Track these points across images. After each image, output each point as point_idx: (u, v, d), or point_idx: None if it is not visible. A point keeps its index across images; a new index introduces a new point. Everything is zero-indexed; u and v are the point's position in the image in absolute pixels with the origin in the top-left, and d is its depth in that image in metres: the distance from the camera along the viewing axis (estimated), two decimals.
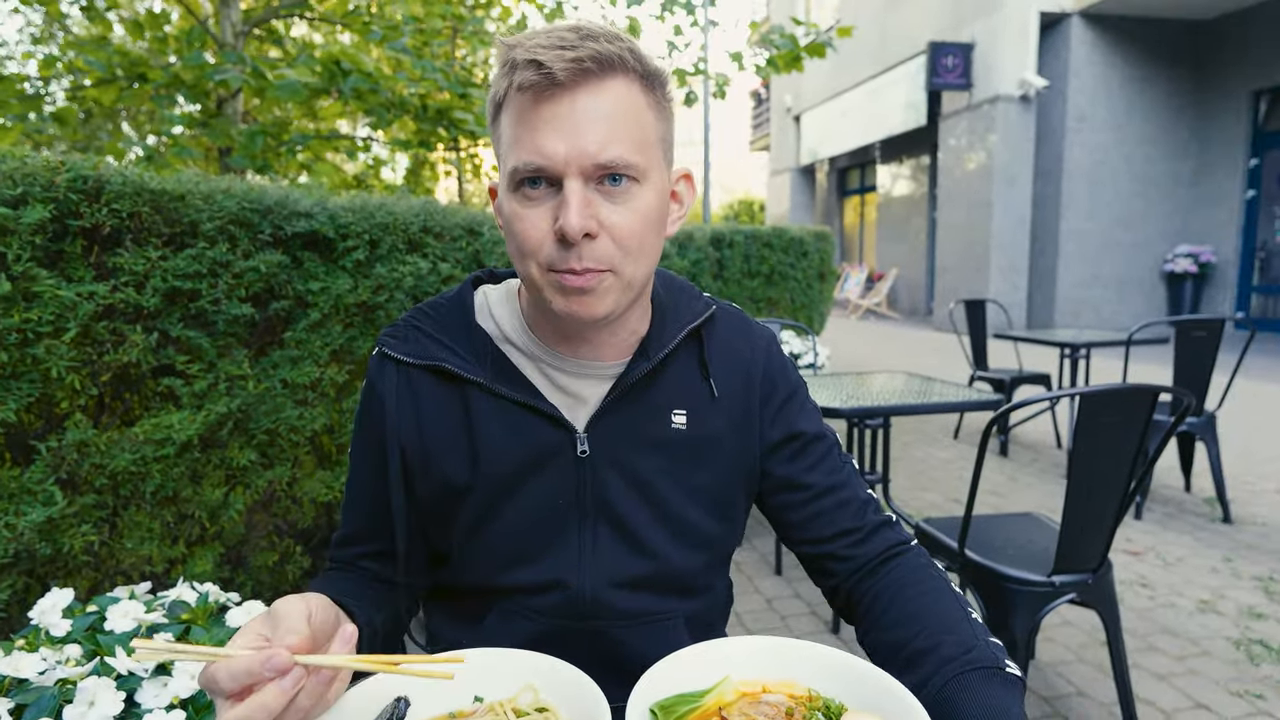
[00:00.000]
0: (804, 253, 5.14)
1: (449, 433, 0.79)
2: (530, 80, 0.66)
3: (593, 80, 0.67)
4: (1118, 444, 1.66)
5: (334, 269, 2.13)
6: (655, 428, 0.81)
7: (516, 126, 0.69)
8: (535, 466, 0.79)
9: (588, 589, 0.80)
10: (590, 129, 0.67)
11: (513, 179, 0.69)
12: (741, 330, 0.88)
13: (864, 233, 16.64)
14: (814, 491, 0.85)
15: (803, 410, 0.88)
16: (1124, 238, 10.41)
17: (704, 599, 0.87)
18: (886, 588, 0.79)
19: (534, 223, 0.69)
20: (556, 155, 0.66)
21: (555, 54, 0.65)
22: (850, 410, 2.35)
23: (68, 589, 1.14)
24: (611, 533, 0.80)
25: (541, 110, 0.67)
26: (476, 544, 0.81)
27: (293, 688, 0.52)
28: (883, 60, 12.98)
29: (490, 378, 0.78)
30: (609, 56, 0.67)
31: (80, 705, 0.86)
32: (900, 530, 0.86)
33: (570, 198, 0.67)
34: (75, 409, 1.72)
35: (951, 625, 0.72)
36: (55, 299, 1.56)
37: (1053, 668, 2.24)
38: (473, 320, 0.82)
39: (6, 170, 1.49)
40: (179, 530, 1.89)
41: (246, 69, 3.63)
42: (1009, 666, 0.68)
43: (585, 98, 0.67)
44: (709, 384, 0.83)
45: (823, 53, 5.02)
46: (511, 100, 0.69)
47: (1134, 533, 3.30)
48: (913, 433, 5.25)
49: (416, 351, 0.80)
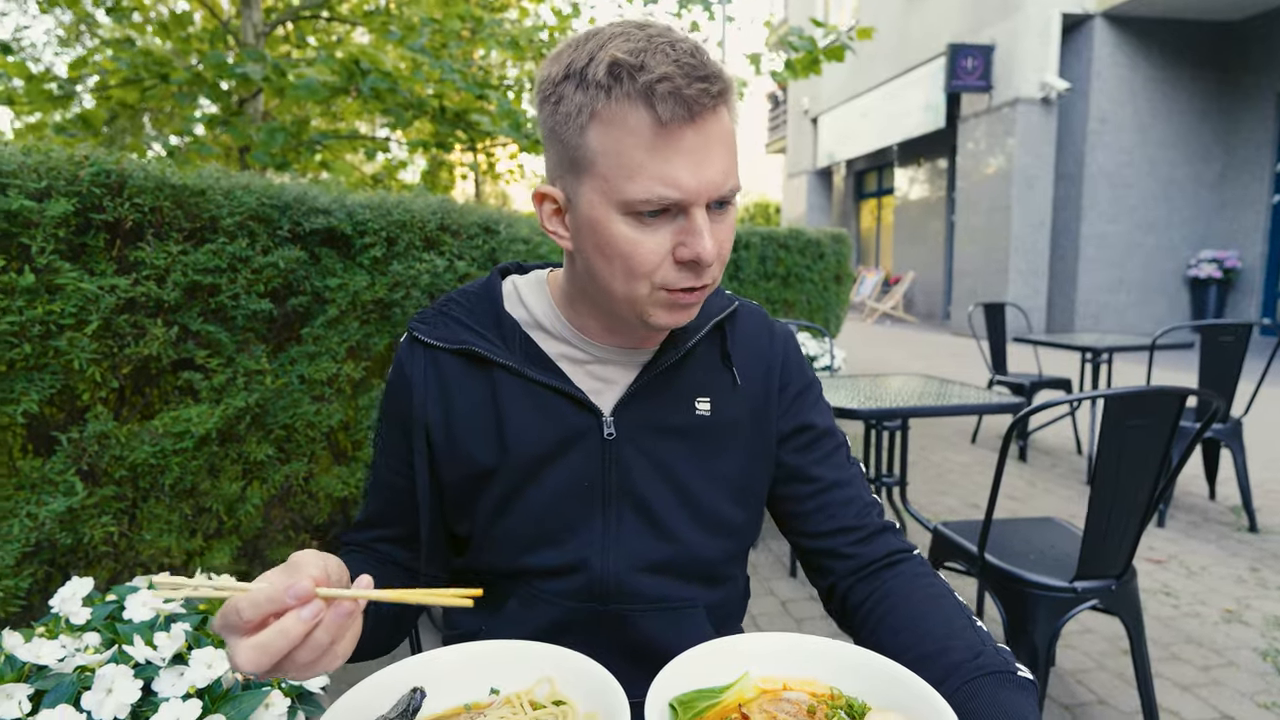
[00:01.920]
0: (820, 255, 5.11)
1: (476, 415, 0.80)
2: (667, 115, 0.64)
3: (721, 108, 0.67)
4: (1144, 448, 1.63)
5: (351, 266, 2.14)
6: (680, 414, 0.82)
7: (638, 152, 0.65)
8: (561, 449, 0.79)
9: (610, 572, 0.80)
10: (715, 160, 0.67)
11: (630, 206, 0.67)
12: (763, 325, 0.90)
13: (880, 236, 16.54)
14: (820, 485, 0.86)
15: (816, 405, 0.90)
16: (1147, 242, 10.27)
17: (725, 590, 0.87)
18: (888, 594, 0.79)
19: (652, 248, 0.69)
20: (689, 188, 0.66)
21: (700, 88, 0.64)
22: (868, 411, 2.33)
23: (88, 578, 1.15)
24: (635, 516, 0.81)
25: (675, 141, 0.65)
26: (499, 526, 0.81)
27: (312, 618, 0.52)
28: (902, 62, 12.90)
29: (519, 361, 0.79)
30: (730, 85, 0.67)
31: (99, 692, 0.87)
32: (903, 538, 0.86)
33: (702, 227, 0.68)
34: (96, 401, 1.74)
35: (957, 630, 0.71)
36: (78, 292, 1.57)
37: (1073, 675, 2.21)
38: (501, 307, 0.83)
39: (31, 164, 1.51)
40: (197, 523, 1.90)
41: (267, 66, 3.67)
42: (1020, 670, 0.66)
43: (711, 127, 0.66)
44: (731, 373, 0.84)
45: (841, 56, 4.99)
46: (627, 122, 0.65)
47: (1157, 540, 3.24)
48: (929, 436, 5.20)
49: (446, 336, 0.81)
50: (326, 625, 0.53)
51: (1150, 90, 9.99)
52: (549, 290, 0.85)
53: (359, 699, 0.59)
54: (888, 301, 14.09)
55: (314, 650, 0.53)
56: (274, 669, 0.52)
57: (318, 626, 0.53)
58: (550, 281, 0.86)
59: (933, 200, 13.62)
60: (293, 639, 0.52)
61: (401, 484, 0.84)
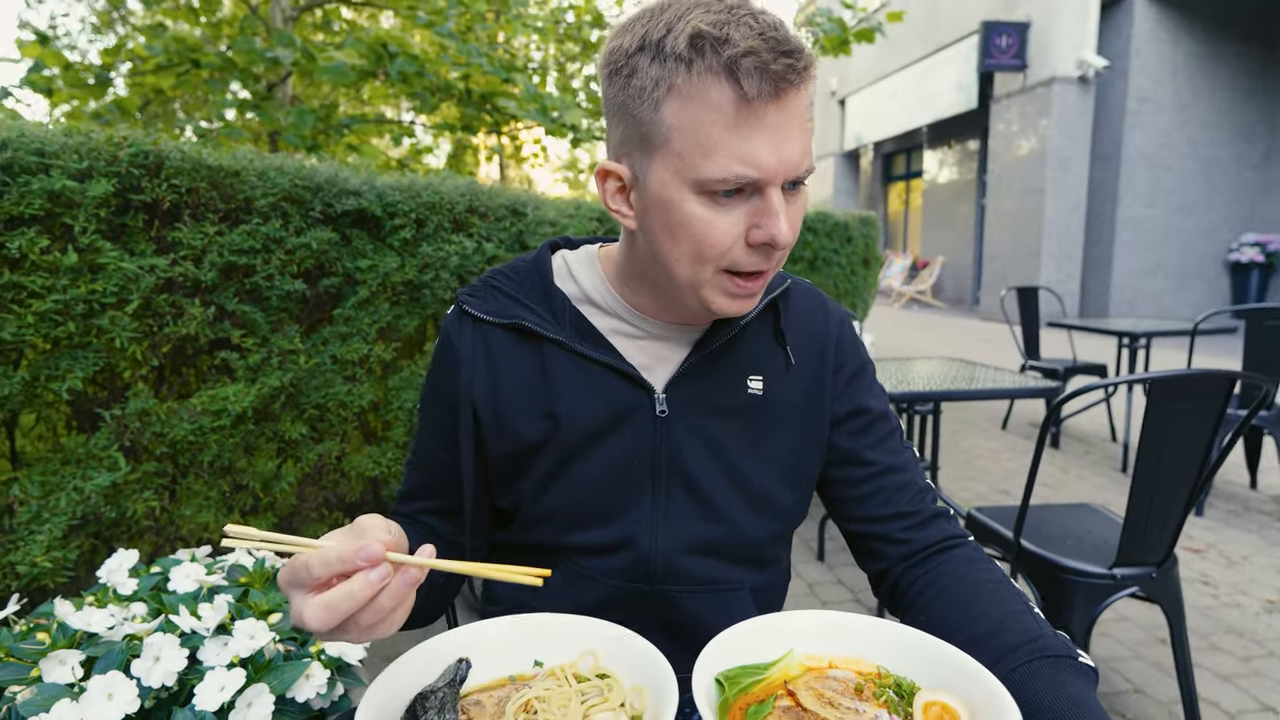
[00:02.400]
0: (848, 238, 5.03)
1: (525, 390, 0.79)
2: (753, 92, 0.61)
3: (800, 86, 0.64)
4: (1188, 433, 1.59)
5: (382, 247, 2.15)
6: (732, 393, 0.80)
7: (718, 129, 0.63)
8: (612, 425, 0.78)
9: (659, 551, 0.79)
10: (794, 140, 0.65)
11: (706, 185, 0.65)
12: (817, 304, 0.88)
13: (909, 220, 16.28)
14: (875, 469, 0.84)
15: (871, 388, 0.88)
16: (1185, 225, 9.98)
17: (770, 573, 0.86)
18: (939, 576, 0.77)
19: (725, 229, 0.67)
20: (769, 167, 0.64)
21: (786, 64, 0.61)
22: (901, 395, 2.30)
23: (133, 551, 1.17)
24: (685, 495, 0.80)
25: (757, 119, 0.63)
26: (545, 502, 0.81)
27: (379, 581, 0.52)
28: (933, 41, 12.62)
29: (569, 336, 0.78)
30: (813, 61, 0.64)
31: (147, 660, 0.89)
32: (956, 524, 0.84)
33: (778, 208, 0.66)
34: (137, 379, 1.77)
35: (1014, 614, 0.69)
36: (118, 271, 1.60)
37: (1108, 664, 2.17)
38: (551, 282, 0.82)
39: (73, 145, 1.53)
40: (234, 500, 1.94)
41: (297, 51, 3.69)
42: (1081, 656, 0.64)
43: (793, 105, 0.64)
44: (785, 352, 0.83)
45: (871, 38, 4.89)
46: (709, 97, 0.63)
47: (1196, 529, 3.18)
48: (958, 422, 5.13)
49: (495, 310, 0.80)
50: (391, 590, 0.53)
51: (1192, 67, 9.67)
52: (600, 265, 0.83)
53: (407, 668, 0.59)
54: (916, 286, 13.90)
55: (376, 614, 0.53)
56: (336, 630, 0.53)
57: (383, 591, 0.53)
58: (602, 257, 0.84)
59: (963, 183, 13.36)
60: (359, 601, 0.52)
61: (445, 457, 0.83)
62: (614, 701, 0.58)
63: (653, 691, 0.57)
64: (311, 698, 0.97)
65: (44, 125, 1.53)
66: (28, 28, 5.07)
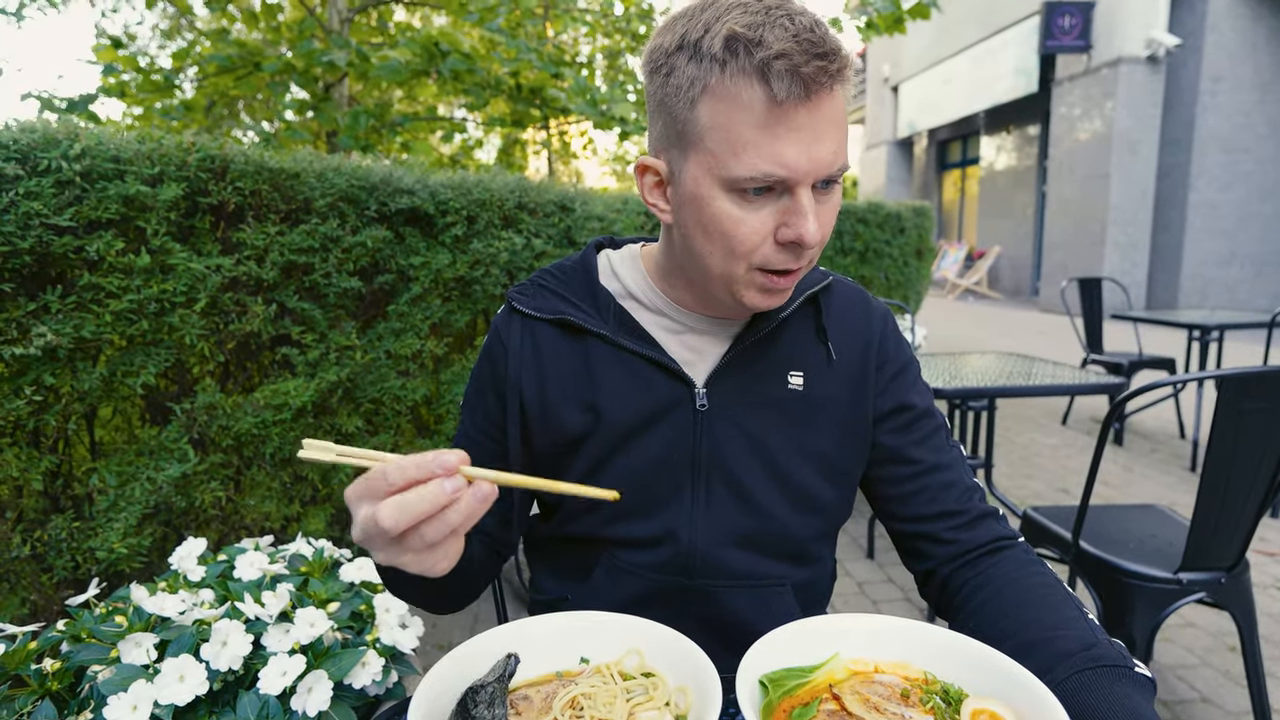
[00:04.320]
0: (901, 229, 4.92)
1: (570, 383, 0.81)
2: (783, 94, 0.62)
3: (834, 87, 0.64)
4: (1262, 433, 1.51)
5: (434, 244, 2.20)
6: (773, 387, 0.81)
7: (748, 129, 0.64)
8: (654, 419, 0.80)
9: (699, 545, 0.80)
10: (827, 139, 0.65)
11: (735, 183, 0.66)
12: (860, 301, 0.88)
13: (964, 208, 15.81)
14: (920, 467, 0.83)
15: (915, 385, 0.87)
16: (1264, 210, 9.45)
17: (813, 570, 0.86)
18: (991, 580, 0.76)
19: (754, 227, 0.68)
20: (798, 167, 0.65)
21: (818, 66, 0.62)
22: (953, 391, 2.25)
23: (201, 539, 1.23)
24: (725, 489, 0.80)
25: (788, 120, 0.63)
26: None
27: (453, 491, 0.53)
28: (991, 23, 12.19)
29: (613, 330, 0.80)
30: (848, 62, 0.64)
31: (215, 644, 0.93)
32: (1006, 525, 0.82)
33: (807, 208, 0.66)
34: (205, 374, 1.85)
35: (1068, 620, 0.67)
36: (188, 271, 1.67)
37: (1173, 671, 2.09)
38: (596, 280, 0.84)
39: (146, 151, 1.60)
40: (294, 491, 2.01)
41: (351, 52, 3.78)
42: (1138, 666, 0.62)
43: (826, 106, 0.65)
44: (827, 347, 0.83)
45: (927, 14, 4.75)
46: (740, 98, 0.63)
47: (1270, 532, 3.02)
48: (1015, 417, 4.98)
49: (542, 306, 0.83)
50: (462, 505, 0.54)
51: (1274, 44, 9.12)
52: (642, 263, 0.85)
53: (457, 662, 0.61)
54: (971, 277, 13.50)
55: (442, 529, 0.54)
56: (403, 538, 0.53)
57: (454, 503, 0.53)
58: (644, 255, 0.86)
59: (1021, 170, 12.91)
60: (433, 504, 0.52)
61: (488, 445, 0.85)
62: (659, 700, 0.59)
63: (697, 692, 0.58)
64: (367, 684, 1.01)
65: (119, 133, 1.60)
66: (104, 35, 5.33)
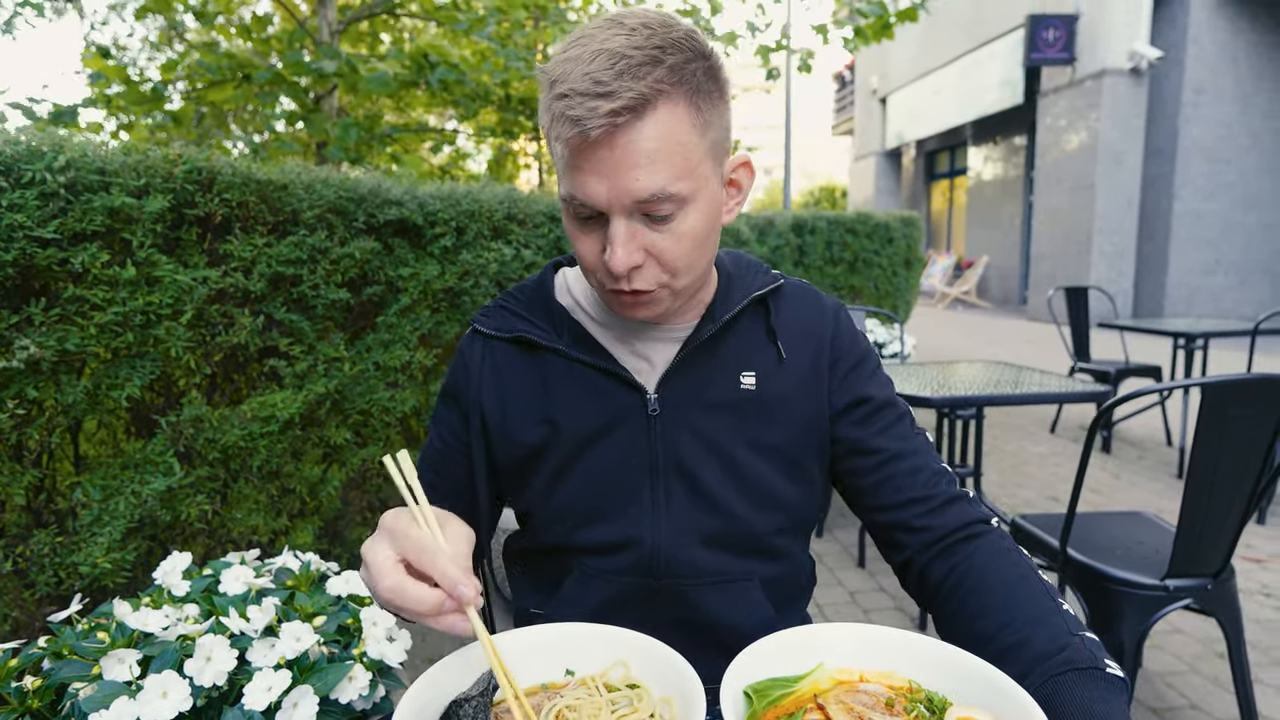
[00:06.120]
0: (889, 239, 4.96)
1: (528, 397, 0.84)
2: (566, 134, 0.65)
3: (632, 123, 0.65)
4: (1245, 439, 1.52)
5: (423, 255, 2.20)
6: (724, 388, 0.83)
7: (560, 157, 0.68)
8: (610, 427, 0.82)
9: (662, 546, 0.82)
10: (630, 170, 0.66)
11: (566, 206, 0.71)
12: (810, 300, 0.90)
13: (953, 218, 15.93)
14: (883, 456, 0.83)
15: (873, 377, 0.88)
16: (1247, 220, 9.57)
17: (782, 565, 0.87)
18: (968, 572, 0.75)
19: (589, 247, 0.73)
20: (599, 198, 0.67)
21: (590, 107, 0.63)
22: (942, 400, 2.26)
23: (186, 553, 1.22)
24: (684, 490, 0.82)
25: (580, 159, 0.67)
26: (552, 504, 0.84)
27: (438, 613, 0.57)
28: (976, 35, 12.35)
29: (567, 344, 0.83)
30: (648, 95, 0.64)
31: (199, 660, 0.92)
32: (978, 507, 0.82)
33: (615, 236, 0.69)
34: (191, 387, 1.84)
35: (1042, 616, 0.68)
36: (174, 283, 1.66)
37: (1162, 678, 2.10)
38: (552, 297, 0.87)
39: (131, 163, 1.60)
40: (282, 504, 2.00)
41: (341, 62, 3.79)
42: (1109, 666, 0.63)
43: (624, 141, 0.65)
44: (777, 348, 0.85)
45: (915, 16, 4.79)
46: (552, 129, 0.67)
47: (1256, 538, 3.04)
48: (1004, 426, 5.00)
49: (501, 325, 0.86)
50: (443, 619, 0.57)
51: (1254, 56, 9.27)
52: None
53: (440, 676, 0.61)
54: (960, 286, 13.60)
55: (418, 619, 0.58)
56: (384, 602, 0.58)
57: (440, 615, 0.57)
58: None
59: (1009, 180, 13.04)
60: (422, 611, 0.56)
61: (454, 456, 0.88)
62: (644, 712, 0.59)
63: (681, 702, 0.58)
64: (354, 699, 1.00)
65: (105, 144, 1.60)
66: (93, 45, 5.32)
